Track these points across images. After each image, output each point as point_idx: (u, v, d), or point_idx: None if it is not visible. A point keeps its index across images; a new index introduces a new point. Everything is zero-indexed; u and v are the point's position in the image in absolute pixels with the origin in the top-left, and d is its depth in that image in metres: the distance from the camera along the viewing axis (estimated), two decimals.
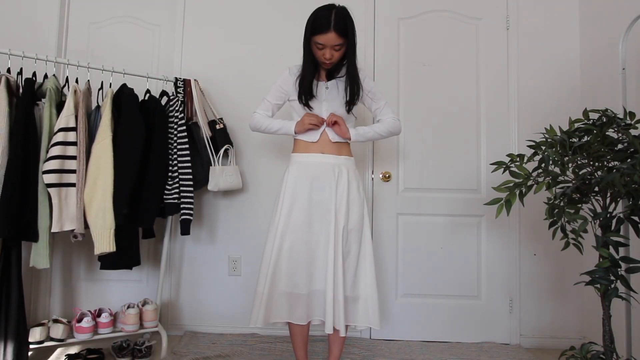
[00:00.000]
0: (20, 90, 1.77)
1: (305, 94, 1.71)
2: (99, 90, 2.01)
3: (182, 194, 2.04)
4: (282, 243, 1.65)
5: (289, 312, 1.65)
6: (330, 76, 1.75)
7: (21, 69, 1.85)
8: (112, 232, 1.80)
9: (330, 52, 1.62)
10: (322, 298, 1.65)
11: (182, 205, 2.04)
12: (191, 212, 2.05)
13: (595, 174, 1.42)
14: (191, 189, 2.06)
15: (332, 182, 1.68)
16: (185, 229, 2.05)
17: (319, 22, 1.61)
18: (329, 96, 1.73)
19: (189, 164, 2.06)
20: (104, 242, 1.78)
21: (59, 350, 2.07)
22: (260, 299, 1.62)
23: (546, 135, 1.50)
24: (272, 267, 1.63)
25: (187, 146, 2.06)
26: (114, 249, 1.80)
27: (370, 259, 1.71)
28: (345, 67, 1.72)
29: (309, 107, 1.72)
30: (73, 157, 1.77)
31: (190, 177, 2.06)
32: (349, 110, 1.73)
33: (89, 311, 1.96)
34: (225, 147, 2.23)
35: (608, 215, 1.38)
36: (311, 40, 1.64)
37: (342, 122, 1.70)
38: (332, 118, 1.70)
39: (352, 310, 1.68)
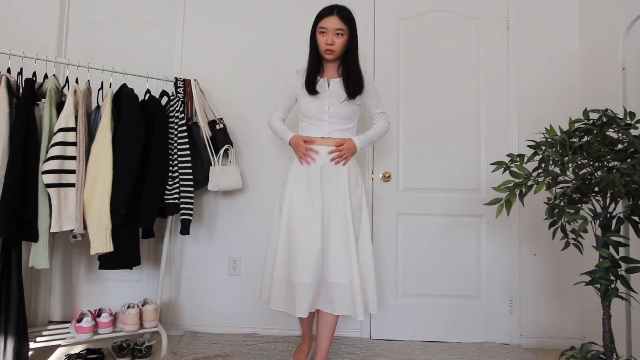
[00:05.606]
0: (20, 91, 1.77)
1: (310, 88, 1.80)
2: (99, 90, 2.01)
3: (182, 194, 2.04)
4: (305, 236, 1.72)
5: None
6: (334, 74, 1.84)
7: (21, 69, 1.86)
8: (109, 232, 1.80)
9: (331, 37, 1.72)
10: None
11: (181, 206, 2.04)
12: (191, 212, 2.05)
13: (595, 174, 1.42)
14: (191, 189, 2.06)
15: (337, 170, 1.78)
16: (185, 229, 2.05)
17: (323, 11, 1.78)
18: (333, 92, 1.81)
19: (189, 164, 2.06)
20: (100, 242, 1.78)
21: (59, 350, 2.07)
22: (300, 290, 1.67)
23: (546, 135, 1.50)
24: (312, 260, 1.68)
25: (187, 146, 2.06)
26: (111, 249, 1.81)
27: (368, 243, 1.79)
28: (348, 62, 1.80)
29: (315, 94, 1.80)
30: (73, 158, 1.77)
31: (191, 177, 2.06)
32: (351, 98, 1.80)
33: (89, 311, 1.97)
34: (225, 147, 2.23)
35: (608, 215, 1.38)
36: (316, 29, 1.76)
37: (343, 154, 1.79)
38: (336, 157, 1.78)
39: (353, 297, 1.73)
